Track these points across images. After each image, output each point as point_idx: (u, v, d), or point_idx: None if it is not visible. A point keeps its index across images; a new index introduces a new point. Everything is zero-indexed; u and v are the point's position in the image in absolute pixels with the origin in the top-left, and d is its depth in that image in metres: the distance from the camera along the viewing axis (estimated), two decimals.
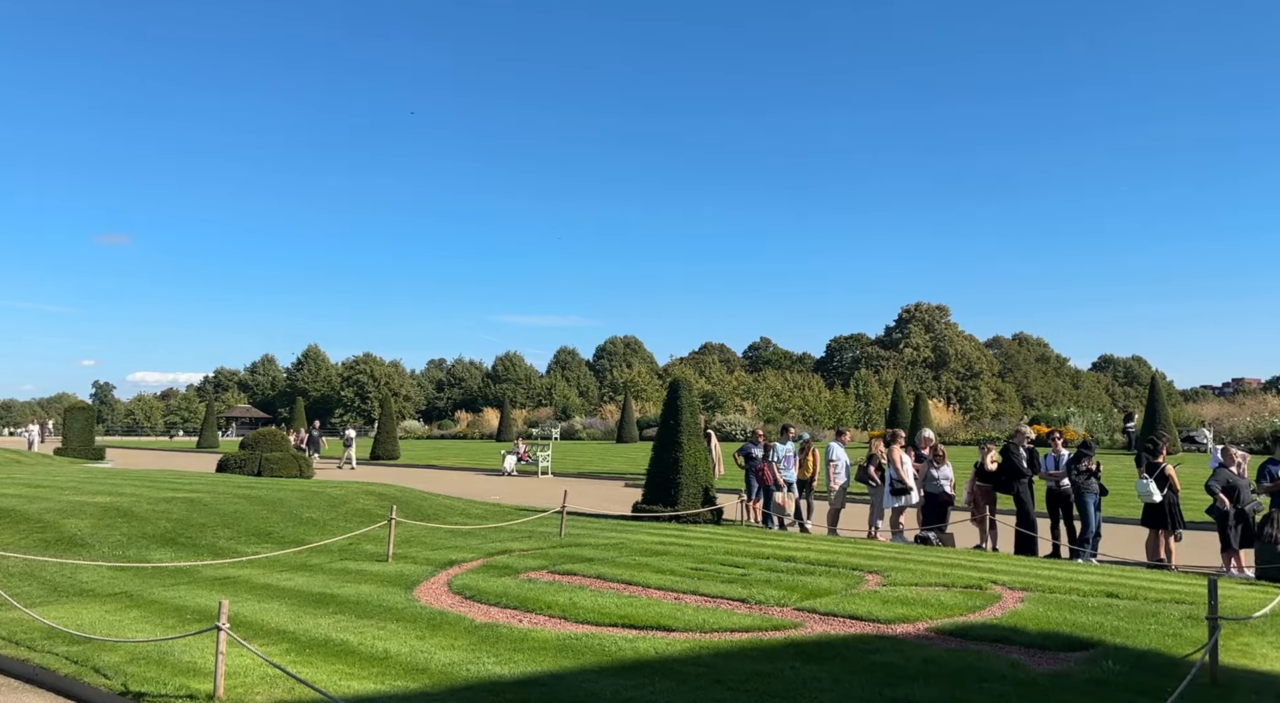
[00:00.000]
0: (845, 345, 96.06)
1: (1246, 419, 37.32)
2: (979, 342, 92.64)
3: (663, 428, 15.11)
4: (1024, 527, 12.45)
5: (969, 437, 39.75)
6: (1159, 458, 11.92)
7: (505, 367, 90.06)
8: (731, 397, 64.44)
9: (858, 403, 71.07)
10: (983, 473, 13.03)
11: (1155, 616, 7.17)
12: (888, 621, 6.92)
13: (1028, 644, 6.23)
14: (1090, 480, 12.25)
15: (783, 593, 7.89)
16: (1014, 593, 8.09)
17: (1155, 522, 11.61)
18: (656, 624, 6.79)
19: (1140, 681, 5.36)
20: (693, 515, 14.18)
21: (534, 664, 5.73)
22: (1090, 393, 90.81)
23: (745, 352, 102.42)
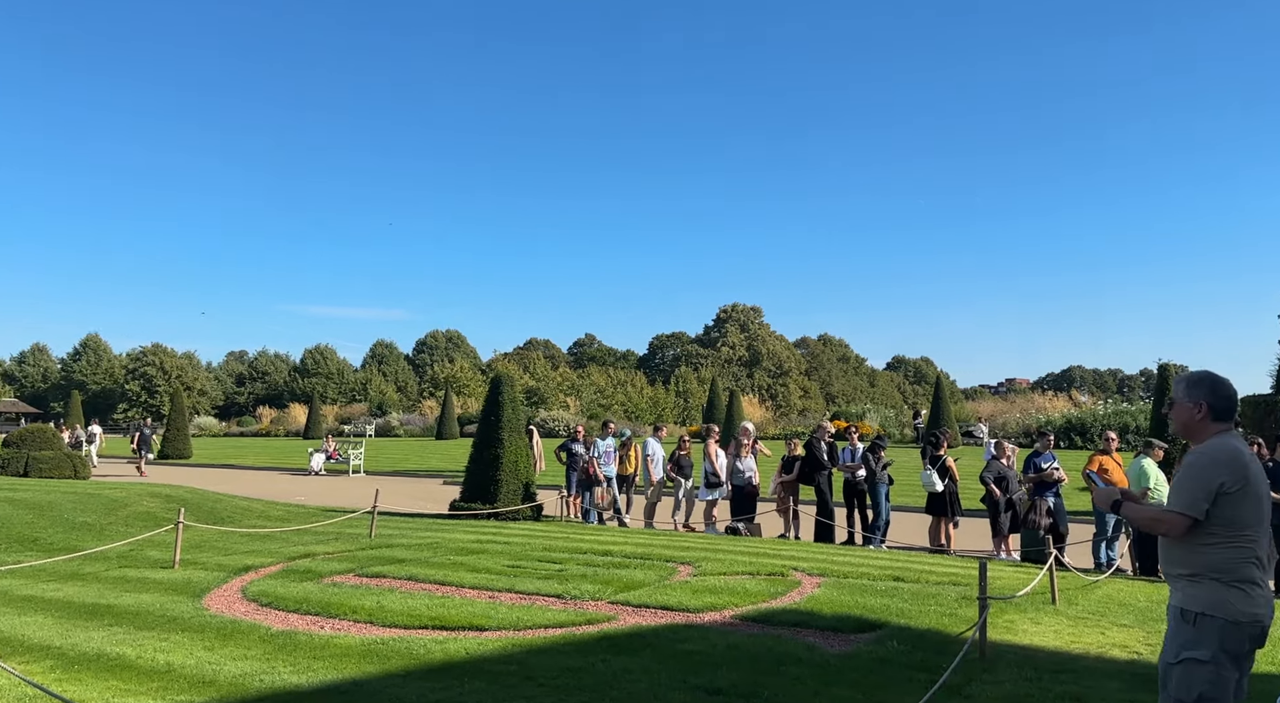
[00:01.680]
0: (667, 343, 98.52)
1: (1017, 416, 41.54)
2: (788, 342, 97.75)
3: (483, 424, 14.88)
4: (823, 516, 13.24)
5: (778, 431, 41.80)
6: (940, 450, 13.01)
7: (315, 360, 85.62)
8: (556, 393, 64.47)
9: (678, 399, 72.99)
10: (788, 466, 13.73)
11: (935, 597, 7.80)
12: (697, 610, 7.13)
13: (823, 627, 6.61)
14: (883, 472, 13.20)
15: (598, 587, 7.96)
16: (813, 579, 8.57)
17: (937, 510, 12.67)
18: (469, 625, 6.66)
19: (920, 658, 5.81)
20: (512, 513, 14.06)
21: (335, 672, 5.46)
22: (885, 391, 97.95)
23: (570, 348, 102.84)
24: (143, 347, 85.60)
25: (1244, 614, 3.25)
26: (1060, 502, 11.70)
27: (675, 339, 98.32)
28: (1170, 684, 3.34)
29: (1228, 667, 3.26)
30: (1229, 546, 3.30)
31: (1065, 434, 33.74)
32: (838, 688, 5.18)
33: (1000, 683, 5.36)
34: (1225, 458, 3.34)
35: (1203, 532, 3.33)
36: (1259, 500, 3.34)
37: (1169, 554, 3.46)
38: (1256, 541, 3.32)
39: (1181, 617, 3.35)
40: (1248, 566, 3.30)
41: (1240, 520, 3.30)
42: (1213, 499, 3.29)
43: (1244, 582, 3.29)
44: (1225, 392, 3.47)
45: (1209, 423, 3.46)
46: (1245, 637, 3.27)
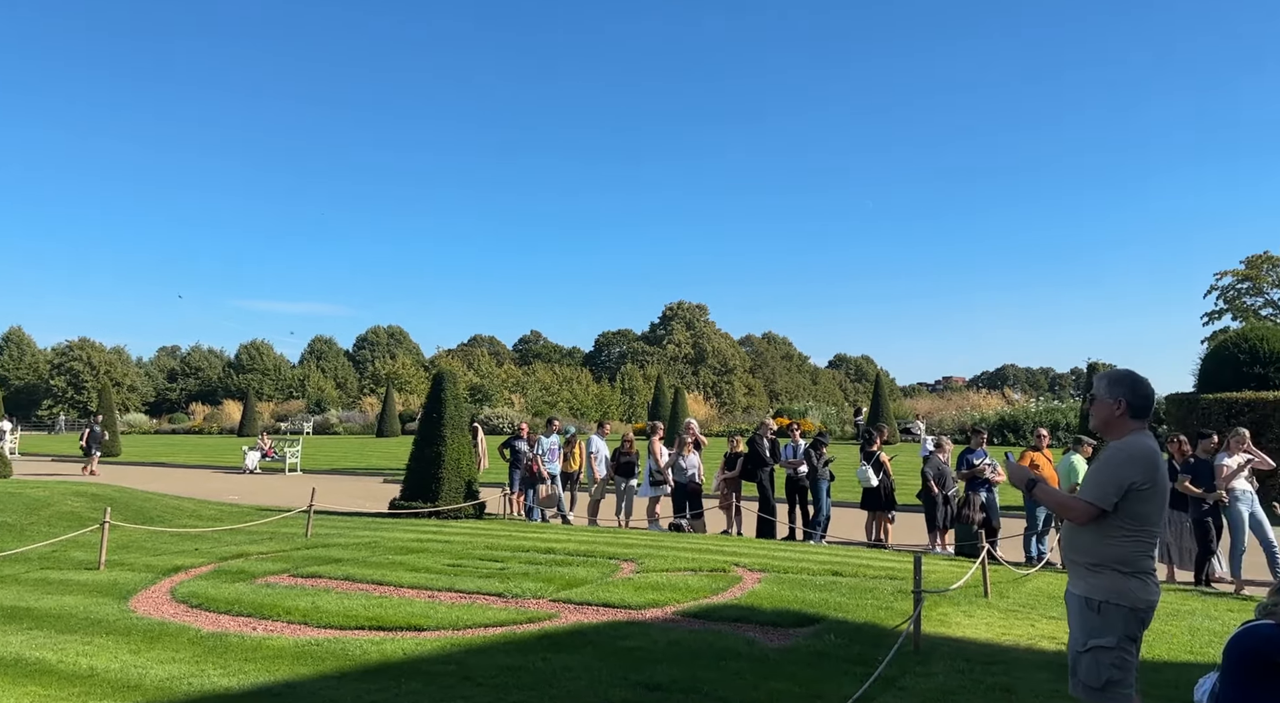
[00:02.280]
0: (613, 341, 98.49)
1: (953, 413, 42.54)
2: (733, 340, 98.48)
3: (425, 421, 14.68)
4: (765, 512, 13.37)
5: (722, 428, 42.08)
6: (874, 446, 13.25)
7: (251, 356, 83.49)
8: (500, 390, 63.98)
9: (624, 397, 73.06)
10: (730, 463, 13.83)
11: (872, 591, 7.94)
12: (639, 606, 7.14)
13: (763, 622, 6.67)
14: (824, 468, 13.38)
15: (540, 585, 7.92)
16: (754, 574, 8.65)
17: (872, 505, 12.90)
18: (408, 625, 6.57)
19: (857, 651, 5.90)
20: (454, 511, 13.90)
21: (267, 674, 5.33)
22: (827, 388, 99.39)
23: (516, 345, 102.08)
24: (69, 341, 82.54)
25: (1143, 602, 3.45)
26: (993, 497, 12.00)
27: (621, 336, 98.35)
28: (1080, 671, 3.49)
29: (1130, 651, 3.45)
30: (1133, 539, 3.48)
31: (999, 431, 34.66)
32: (776, 682, 5.23)
33: (933, 675, 5.48)
34: (1140, 456, 3.50)
35: (1111, 525, 3.49)
36: (1163, 498, 3.54)
37: (1075, 542, 3.62)
38: (1155, 535, 3.54)
39: (1086, 606, 3.51)
40: (1147, 558, 3.51)
41: (1146, 517, 3.48)
42: (1122, 494, 3.45)
43: (1143, 572, 3.49)
44: (1144, 391, 3.62)
45: (1127, 420, 3.61)
46: (1141, 622, 3.48)
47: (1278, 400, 16.28)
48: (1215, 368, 18.44)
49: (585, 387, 70.05)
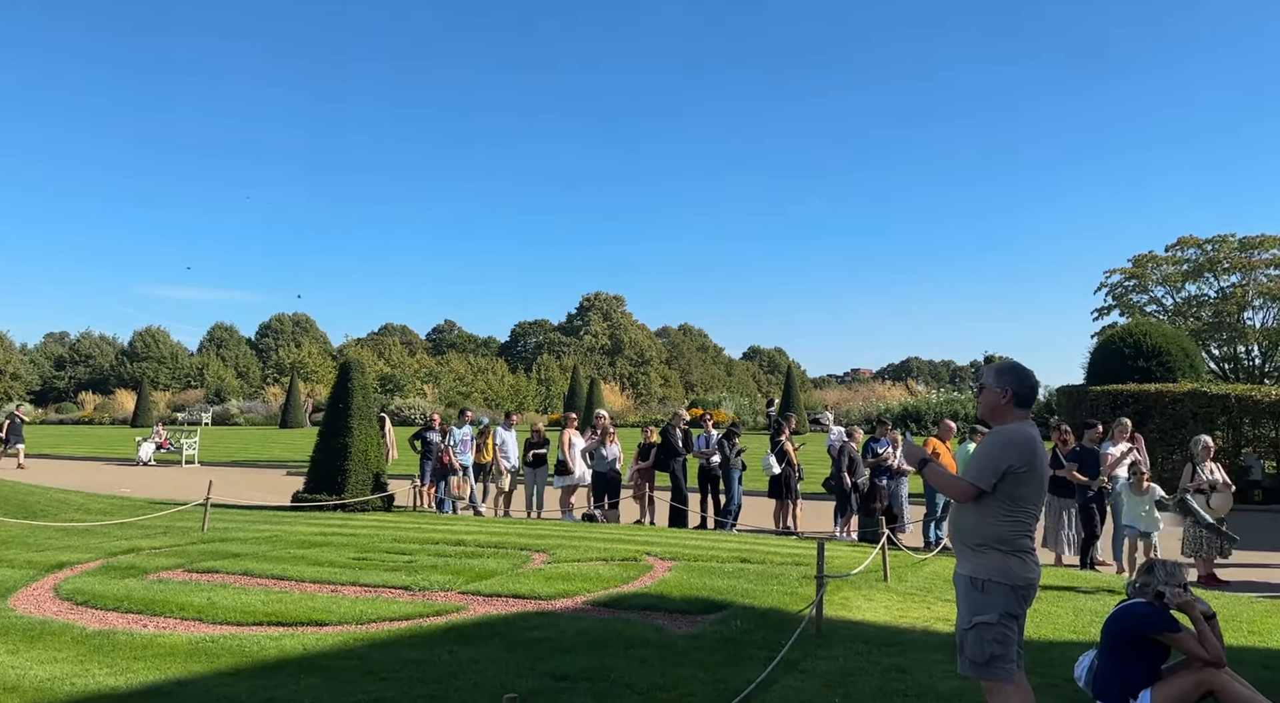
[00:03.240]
0: (530, 331, 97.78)
1: (859, 404, 43.82)
2: (650, 331, 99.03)
3: (331, 412, 14.29)
4: (678, 501, 13.51)
5: (638, 419, 42.33)
6: (781, 436, 13.54)
7: (146, 343, 79.67)
8: (413, 380, 62.80)
9: (540, 387, 72.68)
10: (644, 453, 13.92)
11: (778, 578, 8.11)
12: (549, 597, 7.13)
13: (671, 610, 6.75)
14: (736, 458, 13.60)
15: (448, 577, 7.82)
16: (664, 563, 8.73)
17: (777, 493, 13.18)
18: (309, 620, 6.40)
19: (761, 636, 6.02)
20: (361, 504, 13.59)
21: (157, 673, 5.11)
22: (741, 380, 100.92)
23: (429, 334, 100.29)
24: None
25: (1022, 579, 3.65)
26: (897, 485, 12.40)
27: (538, 327, 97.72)
28: (966, 648, 3.67)
29: (1012, 626, 3.63)
30: (1012, 520, 3.68)
31: (902, 421, 35.84)
32: (682, 668, 5.30)
33: (834, 658, 5.63)
34: (1019, 442, 3.71)
35: (991, 506, 3.70)
36: (1041, 481, 3.75)
37: (960, 524, 3.82)
38: (1035, 516, 3.75)
39: (971, 584, 3.70)
40: (1026, 538, 3.72)
41: (1024, 498, 3.69)
42: (1000, 476, 3.66)
43: (1022, 551, 3.69)
44: (1029, 381, 3.84)
45: (1012, 408, 3.82)
46: (1022, 599, 3.68)
47: (1159, 392, 17.29)
48: (1103, 361, 19.47)
49: (501, 377, 69.35)
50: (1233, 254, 39.66)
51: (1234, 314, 39.29)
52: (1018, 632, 3.69)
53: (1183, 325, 37.31)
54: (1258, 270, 39.00)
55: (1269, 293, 38.51)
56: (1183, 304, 41.17)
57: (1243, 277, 39.31)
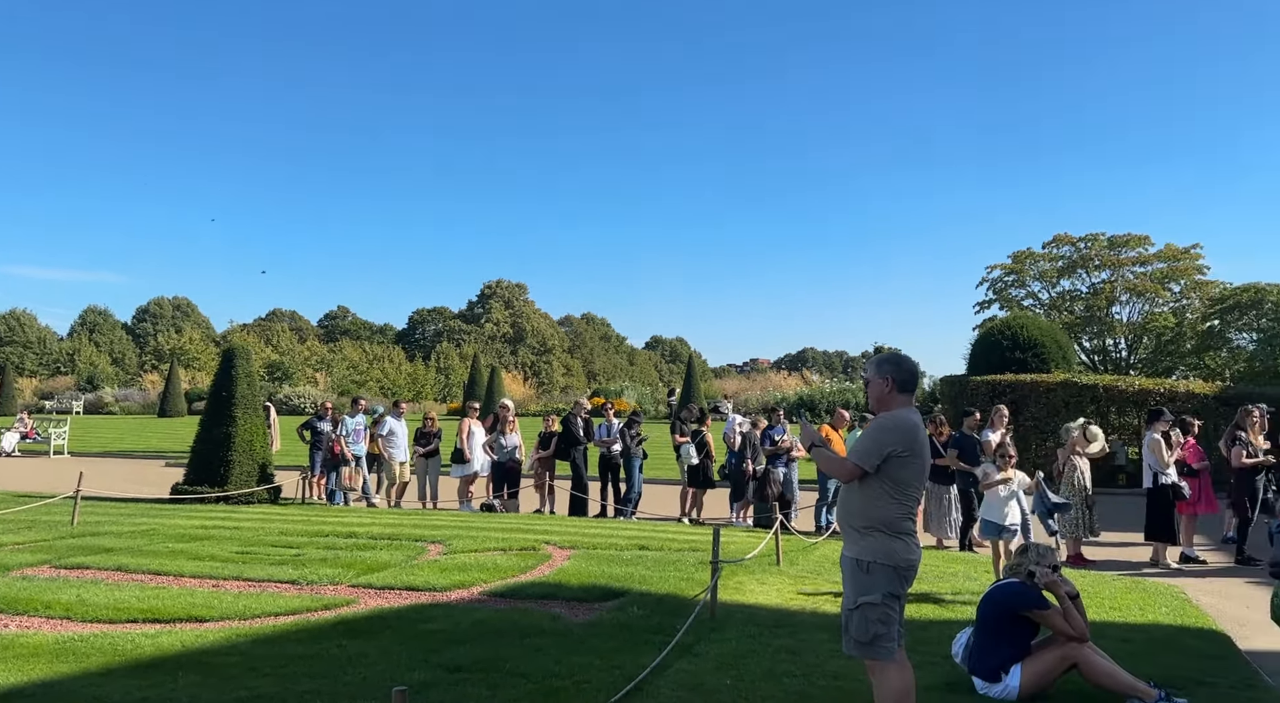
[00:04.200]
0: (428, 318, 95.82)
1: (758, 393, 44.76)
2: (553, 320, 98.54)
3: (213, 400, 13.67)
4: (578, 490, 13.51)
5: (540, 408, 42.09)
6: (704, 425, 13.72)
7: (9, 327, 74.35)
8: (303, 368, 60.71)
9: (439, 376, 71.41)
10: (544, 442, 13.85)
11: (675, 564, 8.21)
12: (444, 588, 7.02)
13: (569, 598, 6.75)
14: (638, 447, 13.68)
15: (338, 571, 7.61)
16: (563, 552, 8.72)
17: (694, 481, 13.33)
18: (188, 616, 6.12)
19: (658, 621, 6.09)
20: (246, 496, 13.07)
21: (20, 674, 4.80)
22: (643, 369, 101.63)
23: (321, 321, 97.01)
24: None
25: (904, 561, 3.81)
26: (791, 472, 12.72)
27: (437, 314, 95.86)
28: (851, 628, 3.81)
29: (894, 606, 3.79)
30: (895, 502, 3.84)
31: (797, 410, 36.80)
32: (578, 656, 5.30)
33: (727, 641, 5.75)
34: (901, 426, 3.88)
35: (876, 489, 3.85)
36: (922, 466, 3.91)
37: (847, 507, 3.98)
38: (916, 498, 3.92)
39: (857, 566, 3.85)
40: (908, 521, 3.88)
41: (905, 481, 3.85)
42: (884, 459, 3.82)
43: (905, 534, 3.85)
44: (908, 368, 4.04)
45: (895, 395, 3.99)
46: (903, 579, 3.84)
47: (1034, 382, 18.27)
48: (983, 352, 20.42)
49: (398, 366, 67.80)
50: (1103, 252, 42.21)
51: (1103, 309, 41.88)
52: (899, 612, 3.85)
53: (1057, 319, 39.50)
54: (1125, 268, 41.64)
55: (1135, 289, 41.18)
56: (1057, 299, 43.56)
57: (1111, 273, 41.90)
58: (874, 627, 3.75)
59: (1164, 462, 9.66)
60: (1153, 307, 41.51)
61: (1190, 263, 41.11)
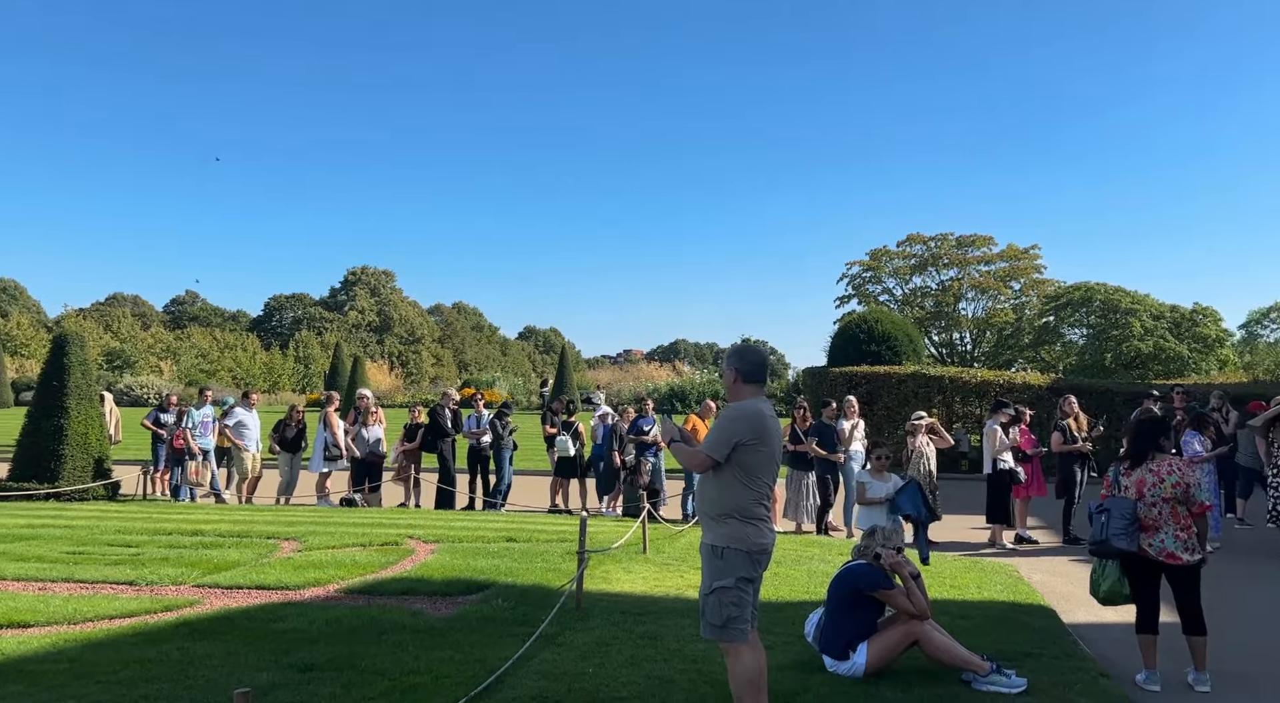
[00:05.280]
0: (287, 305, 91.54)
1: (630, 383, 45.19)
2: (422, 308, 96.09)
3: (43, 390, 12.63)
4: (445, 483, 13.25)
5: (408, 399, 41.02)
6: (573, 416, 13.68)
7: None
8: (146, 356, 56.89)
9: (298, 365, 68.43)
10: (410, 434, 13.51)
11: (542, 555, 8.18)
12: (297, 586, 6.74)
13: (432, 593, 6.61)
14: (508, 438, 13.53)
15: (181, 570, 7.19)
16: (427, 546, 8.53)
17: (567, 472, 13.29)
18: (10, 622, 5.66)
19: (523, 613, 6.05)
20: (80, 492, 12.13)
21: None
22: (516, 359, 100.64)
23: (167, 306, 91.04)
24: None
25: (757, 546, 3.94)
26: (659, 461, 12.90)
27: (297, 301, 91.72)
28: (707, 612, 3.93)
29: (746, 590, 3.92)
30: (746, 488, 3.98)
31: (668, 400, 37.37)
32: (439, 650, 5.21)
33: (591, 630, 5.78)
34: (748, 415, 4.01)
35: (728, 477, 3.98)
36: (771, 452, 4.04)
37: (704, 495, 4.11)
38: (767, 484, 4.05)
39: (712, 552, 3.98)
40: (759, 506, 4.01)
41: (754, 468, 3.98)
42: (732, 447, 3.94)
43: (757, 519, 3.99)
44: (753, 359, 4.17)
45: (742, 386, 4.13)
46: (755, 563, 3.97)
47: (887, 374, 19.22)
48: (841, 345, 21.33)
49: (253, 355, 64.51)
50: (951, 251, 44.85)
51: (951, 305, 44.54)
52: (752, 595, 3.98)
53: (909, 314, 41.75)
54: (971, 266, 44.39)
55: (979, 286, 43.98)
56: (910, 294, 46.00)
57: (959, 271, 44.58)
58: (728, 610, 3.86)
59: (997, 449, 10.36)
60: (995, 303, 44.47)
61: (1029, 262, 44.27)
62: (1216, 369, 37.06)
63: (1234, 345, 44.51)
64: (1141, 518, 5.22)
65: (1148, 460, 5.33)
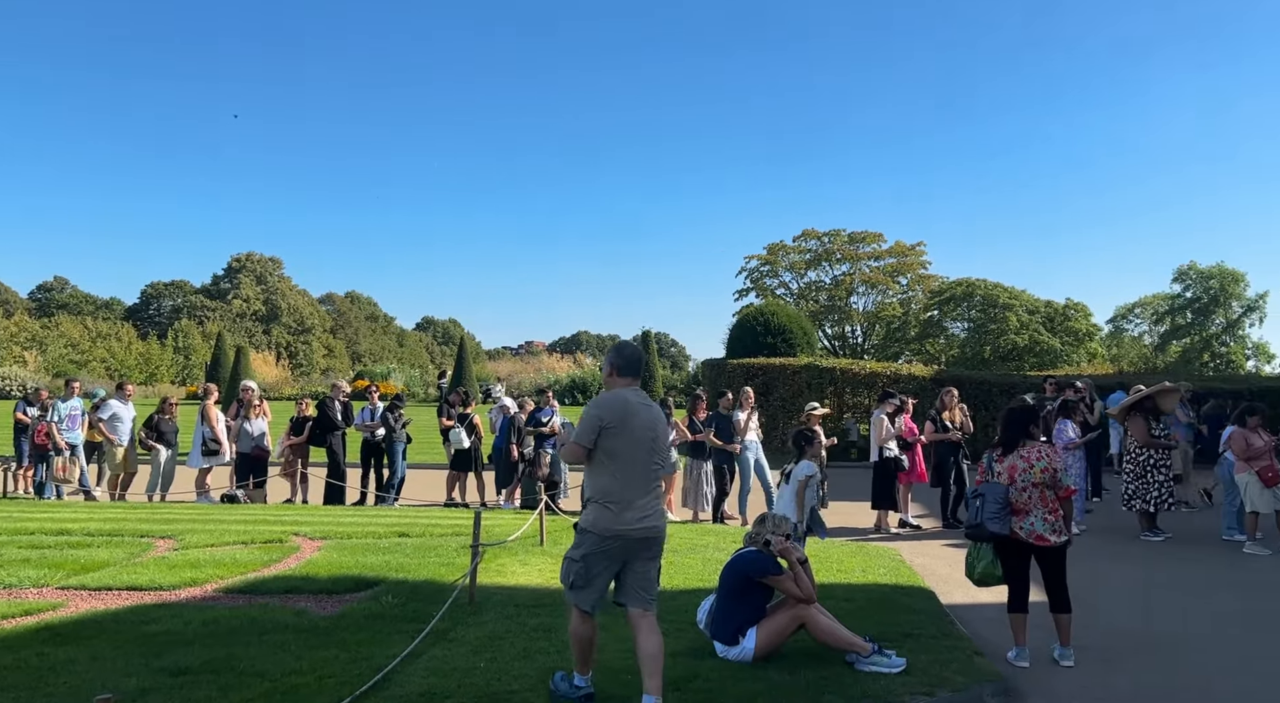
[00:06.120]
0: (165, 293, 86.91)
1: (531, 375, 44.84)
2: (313, 297, 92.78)
3: None
4: (335, 478, 12.84)
5: (296, 391, 39.59)
6: (470, 408, 13.44)
7: None
8: (9, 346, 53.05)
9: (177, 356, 65.14)
10: (297, 427, 13.03)
11: (436, 550, 8.03)
12: (172, 587, 6.42)
13: (317, 591, 6.40)
14: (401, 430, 13.20)
15: (44, 572, 6.75)
16: (314, 543, 8.26)
17: (463, 465, 13.06)
18: None
19: (413, 609, 5.92)
20: None
21: None
22: (414, 351, 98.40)
23: (33, 293, 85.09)
24: None
25: (609, 530, 4.18)
26: (558, 453, 12.83)
27: (176, 288, 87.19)
28: (561, 573, 4.34)
29: (595, 567, 4.21)
30: (609, 473, 4.24)
31: (570, 392, 37.28)
32: (324, 650, 5.04)
33: (484, 624, 5.70)
34: (610, 402, 4.32)
35: (597, 462, 4.26)
36: (633, 437, 4.25)
37: (585, 482, 4.42)
38: (634, 471, 4.24)
39: (578, 531, 4.34)
40: (620, 488, 4.22)
41: (616, 452, 4.23)
42: (597, 433, 4.20)
43: (615, 503, 4.22)
44: (625, 354, 4.47)
45: (616, 378, 4.46)
46: (615, 547, 4.20)
47: (783, 366, 19.69)
48: (739, 337, 21.72)
49: (127, 345, 61.00)
50: (844, 247, 46.26)
51: (843, 299, 45.95)
52: (602, 575, 4.23)
53: (804, 307, 42.89)
54: (862, 262, 45.90)
55: (869, 281, 45.51)
56: (805, 288, 47.24)
57: (851, 267, 46.03)
58: (571, 575, 4.25)
59: (883, 438, 10.75)
60: (884, 298, 46.14)
61: (915, 258, 46.09)
62: (1086, 361, 39.50)
63: (1102, 339, 47.51)
64: (1013, 502, 5.50)
65: (1019, 448, 5.61)
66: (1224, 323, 50.79)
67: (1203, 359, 45.91)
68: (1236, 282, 53.21)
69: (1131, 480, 10.10)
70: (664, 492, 12.28)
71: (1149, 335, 56.65)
